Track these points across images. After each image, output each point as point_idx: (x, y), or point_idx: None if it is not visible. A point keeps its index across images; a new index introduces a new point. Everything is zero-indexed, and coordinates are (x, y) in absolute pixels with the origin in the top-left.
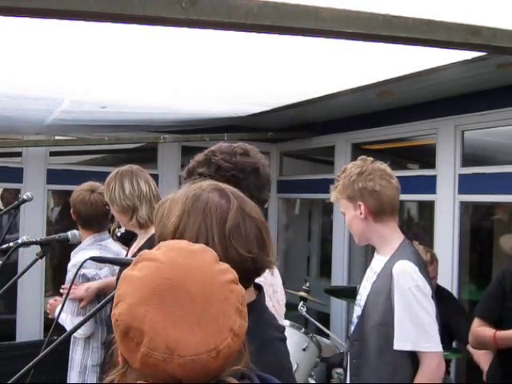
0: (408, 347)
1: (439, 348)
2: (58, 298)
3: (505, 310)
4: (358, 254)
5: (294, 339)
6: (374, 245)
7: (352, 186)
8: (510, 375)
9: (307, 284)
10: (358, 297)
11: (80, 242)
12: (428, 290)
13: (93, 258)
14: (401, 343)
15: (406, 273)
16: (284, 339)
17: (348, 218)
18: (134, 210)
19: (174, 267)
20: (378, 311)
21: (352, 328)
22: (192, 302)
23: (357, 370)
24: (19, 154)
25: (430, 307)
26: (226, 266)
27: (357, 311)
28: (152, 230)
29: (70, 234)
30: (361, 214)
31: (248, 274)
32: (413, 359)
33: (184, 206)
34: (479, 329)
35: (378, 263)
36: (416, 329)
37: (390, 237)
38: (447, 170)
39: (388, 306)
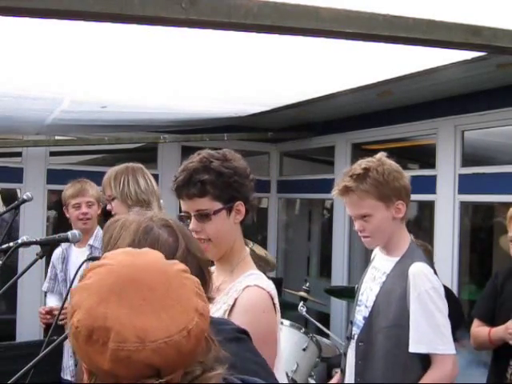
0: (424, 349)
1: (454, 350)
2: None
3: (497, 307)
4: (358, 254)
5: (294, 339)
6: (388, 246)
7: (391, 184)
8: (500, 374)
9: (307, 284)
10: (362, 297)
11: (78, 242)
12: (442, 291)
13: (91, 258)
14: (417, 346)
15: (423, 274)
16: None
17: (378, 218)
18: (148, 206)
19: (125, 266)
20: (390, 312)
21: (354, 328)
22: (151, 291)
23: (362, 372)
24: (19, 154)
25: (445, 309)
26: (174, 260)
27: (362, 312)
28: None
29: (69, 233)
30: (399, 213)
31: None
32: (424, 361)
33: (135, 237)
34: (477, 329)
35: (386, 264)
36: (432, 331)
37: (404, 237)
38: (447, 169)
39: (402, 307)
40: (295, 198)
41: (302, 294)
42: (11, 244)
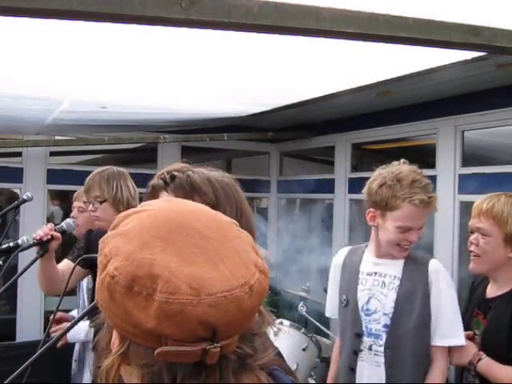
0: (450, 343)
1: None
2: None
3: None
4: None
5: (294, 339)
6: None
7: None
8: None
9: (307, 284)
10: (370, 306)
11: (74, 230)
12: None
13: (84, 258)
14: (443, 340)
15: (444, 270)
16: None
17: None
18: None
19: (170, 210)
20: (414, 313)
21: (368, 339)
22: (204, 238)
23: (393, 378)
24: (19, 154)
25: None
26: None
27: (379, 320)
28: None
29: (64, 224)
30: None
31: None
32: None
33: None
34: None
35: (393, 268)
36: (460, 323)
37: None
38: (447, 169)
39: (425, 306)
40: (295, 198)
41: (302, 294)
42: (11, 244)
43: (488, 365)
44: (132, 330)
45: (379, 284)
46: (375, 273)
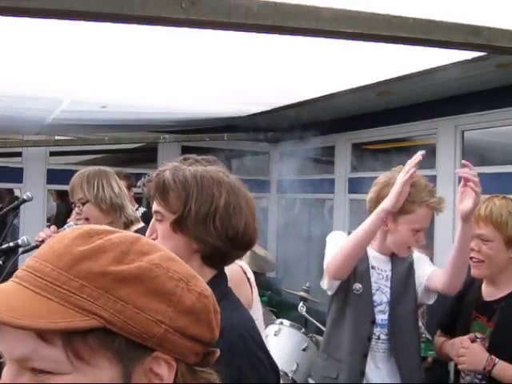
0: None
1: None
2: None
3: (457, 317)
4: None
5: (294, 339)
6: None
7: None
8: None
9: (307, 284)
10: (380, 298)
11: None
12: None
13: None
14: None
15: (426, 257)
16: None
17: None
18: (122, 210)
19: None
20: (407, 301)
21: (377, 329)
22: None
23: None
24: (19, 154)
25: None
26: None
27: (386, 310)
28: (134, 228)
29: (66, 227)
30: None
31: None
32: None
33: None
34: (436, 338)
35: (386, 264)
36: None
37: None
38: (447, 169)
39: (412, 293)
40: (295, 198)
41: (302, 294)
42: (11, 244)
43: (506, 368)
44: (200, 348)
45: (383, 277)
46: (378, 267)
